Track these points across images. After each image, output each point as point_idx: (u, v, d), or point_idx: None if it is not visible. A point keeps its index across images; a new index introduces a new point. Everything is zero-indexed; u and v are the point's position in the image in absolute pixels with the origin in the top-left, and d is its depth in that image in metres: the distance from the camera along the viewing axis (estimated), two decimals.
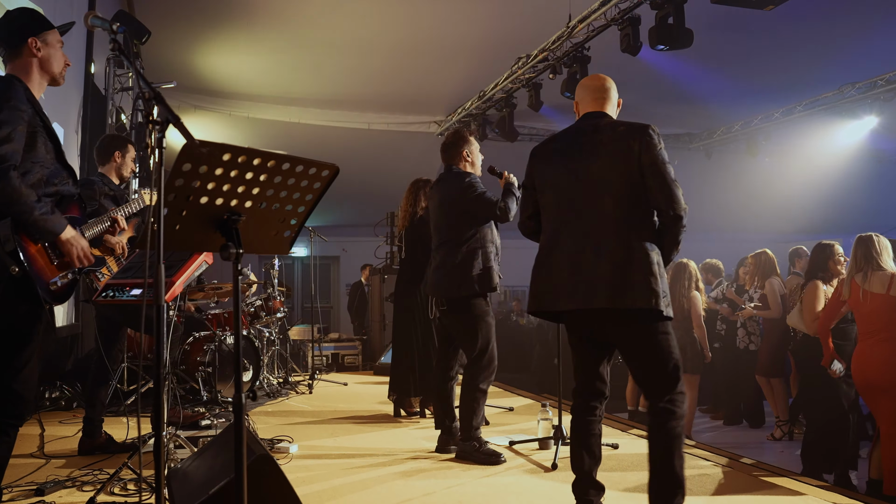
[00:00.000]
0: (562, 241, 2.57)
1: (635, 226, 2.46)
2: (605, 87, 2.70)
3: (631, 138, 2.48)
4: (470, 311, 3.73)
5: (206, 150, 1.63)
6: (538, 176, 2.72)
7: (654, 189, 2.45)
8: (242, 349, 5.31)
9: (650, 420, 2.45)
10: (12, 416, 2.26)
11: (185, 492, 2.32)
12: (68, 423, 4.59)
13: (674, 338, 2.48)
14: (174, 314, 3.69)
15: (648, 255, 2.42)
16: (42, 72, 2.44)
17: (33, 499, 2.90)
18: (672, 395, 2.42)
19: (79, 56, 6.03)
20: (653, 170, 2.44)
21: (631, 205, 2.47)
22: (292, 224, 1.95)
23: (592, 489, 2.57)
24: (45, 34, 2.44)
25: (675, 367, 2.44)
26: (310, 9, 7.38)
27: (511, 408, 5.38)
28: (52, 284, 2.31)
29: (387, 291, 7.77)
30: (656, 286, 2.38)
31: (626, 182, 2.46)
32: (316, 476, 3.41)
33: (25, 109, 2.26)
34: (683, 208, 2.45)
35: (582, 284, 2.45)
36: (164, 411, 3.08)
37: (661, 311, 2.38)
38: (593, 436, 2.60)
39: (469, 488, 3.20)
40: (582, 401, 2.63)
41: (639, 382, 2.55)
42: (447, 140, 3.96)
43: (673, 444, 2.38)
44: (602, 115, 2.64)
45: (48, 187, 2.34)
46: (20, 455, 3.50)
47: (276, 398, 6.00)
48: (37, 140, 2.31)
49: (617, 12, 6.59)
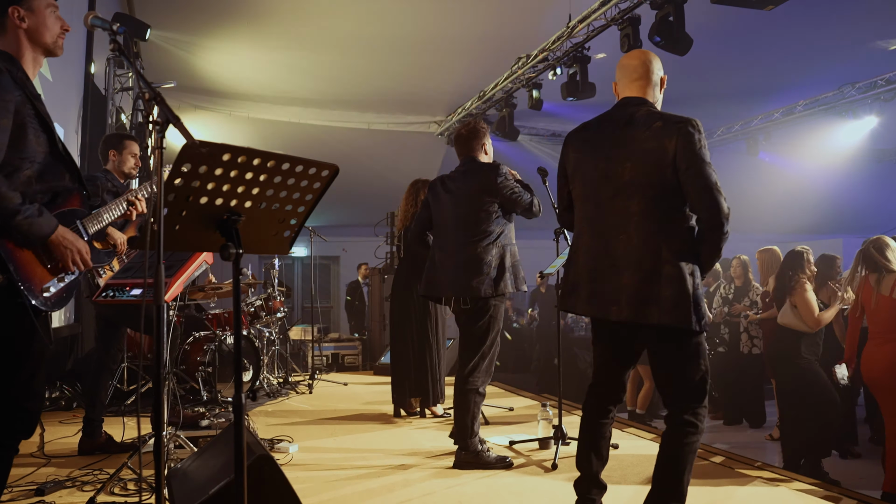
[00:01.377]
0: (585, 241, 2.42)
1: (666, 232, 2.26)
2: (643, 64, 2.43)
3: (667, 136, 2.24)
4: (491, 311, 3.57)
5: (205, 151, 1.63)
6: (569, 164, 2.53)
7: (692, 193, 2.22)
8: (242, 349, 5.31)
9: (670, 430, 2.32)
10: (21, 431, 2.12)
11: (185, 492, 2.32)
12: (68, 423, 4.59)
13: (705, 348, 2.32)
14: (174, 314, 3.69)
15: (679, 266, 2.21)
16: (33, 44, 2.16)
17: (33, 499, 2.90)
18: (697, 407, 2.29)
19: (79, 56, 6.03)
20: (691, 172, 2.21)
21: (663, 209, 2.26)
22: (292, 224, 1.94)
23: (595, 488, 2.51)
24: (31, 1, 2.14)
25: (703, 380, 2.30)
26: (310, 9, 7.37)
27: (511, 408, 5.38)
28: (45, 291, 2.11)
29: (387, 291, 7.76)
30: (688, 303, 2.19)
31: (658, 184, 2.25)
32: (316, 476, 3.41)
33: (11, 99, 2.01)
34: (726, 215, 2.21)
35: (603, 293, 2.31)
36: (164, 411, 3.08)
37: (691, 328, 2.21)
38: (603, 438, 2.51)
39: (469, 488, 3.20)
40: (597, 402, 2.52)
41: (661, 391, 2.42)
42: (465, 132, 3.74)
43: (688, 458, 2.27)
44: (640, 101, 2.39)
45: (39, 184, 2.12)
46: (20, 455, 3.49)
47: (276, 398, 6.00)
48: (27, 132, 2.06)
49: (617, 12, 6.59)
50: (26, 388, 2.10)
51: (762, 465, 3.61)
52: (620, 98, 2.46)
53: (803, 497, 3.07)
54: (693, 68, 8.07)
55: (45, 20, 2.17)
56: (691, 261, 2.26)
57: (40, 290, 2.10)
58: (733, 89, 9.66)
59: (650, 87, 2.43)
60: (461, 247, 3.56)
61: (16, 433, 2.11)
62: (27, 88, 2.10)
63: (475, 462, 3.51)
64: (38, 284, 2.10)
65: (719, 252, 2.30)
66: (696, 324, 2.21)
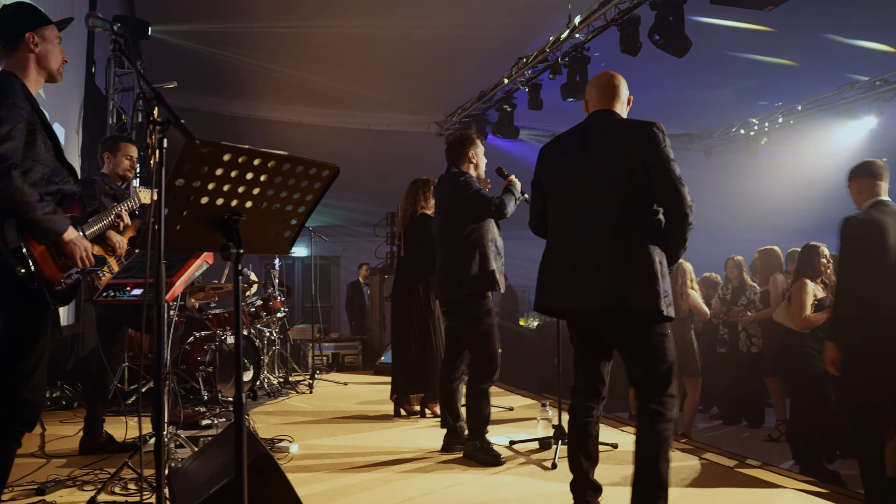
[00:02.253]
0: (565, 239, 2.56)
1: (638, 225, 2.42)
2: (612, 84, 2.65)
3: (635, 136, 2.45)
4: (470, 311, 3.69)
5: (206, 151, 1.63)
6: (545, 174, 2.70)
7: (658, 187, 2.41)
8: (243, 349, 5.32)
9: (640, 421, 2.43)
10: (23, 422, 2.19)
11: (185, 491, 2.32)
12: (69, 422, 4.60)
13: (671, 340, 2.45)
14: (175, 314, 3.69)
15: (650, 254, 2.38)
16: (39, 68, 2.36)
17: (34, 498, 2.90)
18: (663, 396, 2.41)
19: (79, 57, 6.03)
20: (657, 167, 2.40)
21: (635, 204, 2.44)
22: (293, 224, 1.95)
23: (590, 490, 2.57)
24: (43, 29, 2.36)
25: (669, 370, 2.43)
26: (310, 10, 7.38)
27: (511, 407, 5.39)
28: (58, 285, 2.25)
29: (387, 291, 7.77)
30: (657, 286, 2.35)
31: (629, 180, 2.43)
32: (316, 475, 3.41)
33: (24, 107, 2.20)
34: (689, 206, 2.39)
35: (582, 283, 2.43)
36: (164, 411, 3.08)
37: (661, 312, 2.35)
38: (590, 437, 2.59)
39: (469, 488, 3.20)
40: (579, 400, 2.62)
41: (632, 382, 2.52)
42: (452, 141, 3.92)
43: (661, 447, 2.37)
44: (610, 113, 2.61)
45: (49, 186, 2.28)
46: (21, 454, 3.49)
47: (276, 398, 6.01)
48: (36, 138, 2.24)
49: (616, 13, 6.59)
50: (30, 379, 2.19)
51: (764, 465, 3.61)
52: (591, 112, 2.67)
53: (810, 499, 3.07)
54: (693, 69, 8.09)
55: (54, 49, 2.39)
56: (660, 250, 2.42)
57: (54, 285, 2.24)
58: (733, 89, 9.67)
59: (619, 102, 2.65)
60: (439, 250, 3.83)
61: (18, 424, 2.18)
62: (33, 102, 2.28)
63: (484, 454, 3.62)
64: (52, 278, 2.24)
65: (684, 242, 2.46)
66: (666, 308, 2.36)
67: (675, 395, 2.44)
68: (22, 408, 2.17)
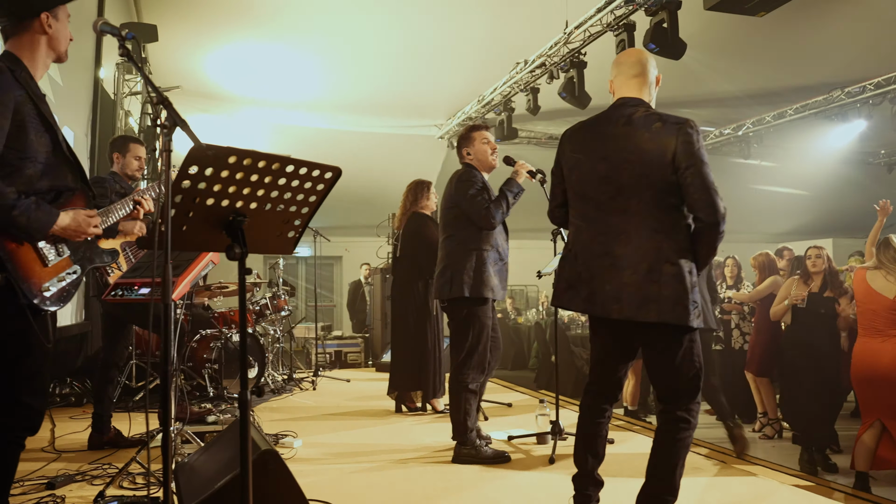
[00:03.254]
0: (585, 239, 2.38)
1: (666, 231, 2.24)
2: (640, 61, 2.41)
3: (667, 135, 2.23)
4: (463, 311, 3.56)
5: (212, 153, 1.62)
6: (566, 162, 2.48)
7: (690, 192, 2.21)
8: (248, 347, 5.32)
9: (663, 426, 2.32)
10: (24, 428, 2.09)
11: (192, 486, 2.32)
12: (78, 418, 4.59)
13: (699, 346, 2.32)
14: (182, 313, 3.69)
15: (680, 268, 2.21)
16: (49, 49, 2.19)
17: (44, 492, 2.90)
18: (690, 404, 2.30)
19: (88, 61, 6.03)
20: (690, 171, 2.20)
21: (662, 208, 2.25)
22: (296, 225, 1.94)
23: (592, 485, 2.50)
24: (58, 10, 2.18)
25: (697, 377, 2.30)
26: (314, 16, 7.38)
27: (510, 403, 5.38)
28: (45, 290, 2.06)
29: (388, 290, 7.76)
30: (685, 299, 2.19)
31: (658, 183, 2.24)
32: (319, 470, 3.41)
33: (12, 97, 2.00)
34: (722, 215, 2.20)
35: (606, 292, 2.28)
36: (171, 407, 3.08)
37: (690, 325, 2.20)
38: (600, 437, 2.49)
39: (468, 482, 3.20)
40: (593, 401, 2.49)
41: (657, 387, 2.41)
42: (458, 140, 3.80)
43: (681, 454, 2.29)
44: (637, 102, 2.37)
45: (42, 182, 2.09)
46: (31, 450, 3.50)
47: (280, 394, 6.00)
48: (27, 132, 2.04)
49: (612, 18, 6.59)
50: (28, 385, 2.07)
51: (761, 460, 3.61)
52: (617, 97, 2.44)
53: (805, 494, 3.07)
54: (687, 74, 8.08)
55: (64, 30, 2.22)
56: (689, 259, 2.25)
57: (39, 289, 2.06)
58: (726, 94, 9.67)
59: (646, 85, 2.42)
60: (442, 249, 3.68)
61: (20, 430, 2.08)
62: (31, 88, 2.09)
63: (474, 457, 3.51)
64: (36, 283, 2.05)
65: (715, 250, 2.30)
66: (694, 320, 2.21)
67: (700, 403, 2.34)
68: (23, 413, 2.07)
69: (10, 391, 2.04)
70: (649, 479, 2.33)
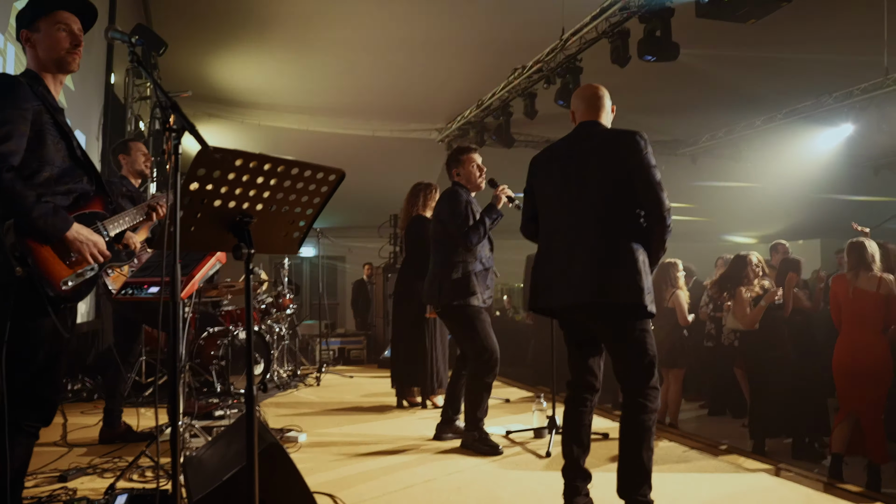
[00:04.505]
0: (555, 242, 2.59)
1: (622, 226, 2.46)
2: (597, 95, 2.70)
3: (619, 144, 2.50)
4: (460, 317, 3.72)
5: (219, 156, 1.63)
6: (536, 183, 2.74)
7: (640, 191, 2.45)
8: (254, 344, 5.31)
9: (624, 412, 2.47)
10: (39, 419, 2.13)
11: (199, 478, 2.32)
12: (89, 413, 4.60)
13: (652, 336, 2.50)
14: (190, 311, 3.69)
15: (634, 253, 2.42)
16: (43, 61, 2.16)
17: (56, 485, 2.90)
18: (646, 389, 2.43)
19: (100, 67, 6.03)
20: (639, 173, 2.44)
21: (619, 207, 2.47)
22: (301, 226, 1.94)
23: (579, 477, 2.58)
24: (38, 21, 2.14)
25: (651, 363, 2.45)
26: (318, 24, 7.38)
27: (507, 399, 5.38)
28: (63, 285, 2.10)
29: (390, 289, 7.77)
30: (640, 283, 2.38)
31: (613, 185, 2.47)
32: (323, 463, 3.41)
33: (30, 107, 2.04)
34: (667, 209, 2.44)
35: (570, 281, 2.47)
36: (179, 402, 3.08)
37: (644, 307, 2.39)
38: (583, 426, 2.61)
39: (468, 475, 3.20)
40: (574, 393, 2.66)
41: (617, 375, 2.55)
42: (447, 158, 4.00)
43: (643, 437, 2.40)
44: (595, 123, 2.65)
45: (59, 186, 2.13)
46: (44, 443, 3.51)
47: (285, 390, 6.00)
48: (45, 138, 2.09)
49: (607, 25, 6.59)
50: (44, 377, 2.10)
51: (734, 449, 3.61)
52: (578, 122, 2.70)
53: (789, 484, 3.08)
54: (680, 80, 8.09)
55: (50, 37, 2.15)
56: (643, 250, 2.45)
57: (58, 284, 2.09)
58: (717, 99, 9.67)
59: (603, 113, 2.68)
60: (433, 258, 3.86)
61: (34, 420, 2.11)
62: (47, 101, 2.13)
63: (477, 442, 3.61)
64: (56, 278, 2.08)
65: (664, 243, 2.49)
66: (649, 304, 2.39)
67: (658, 388, 2.47)
68: (38, 405, 2.10)
69: (26, 382, 2.06)
70: (621, 463, 2.44)
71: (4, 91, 2.04)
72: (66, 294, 2.11)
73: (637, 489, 2.37)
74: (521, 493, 2.90)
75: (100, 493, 2.72)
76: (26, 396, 2.07)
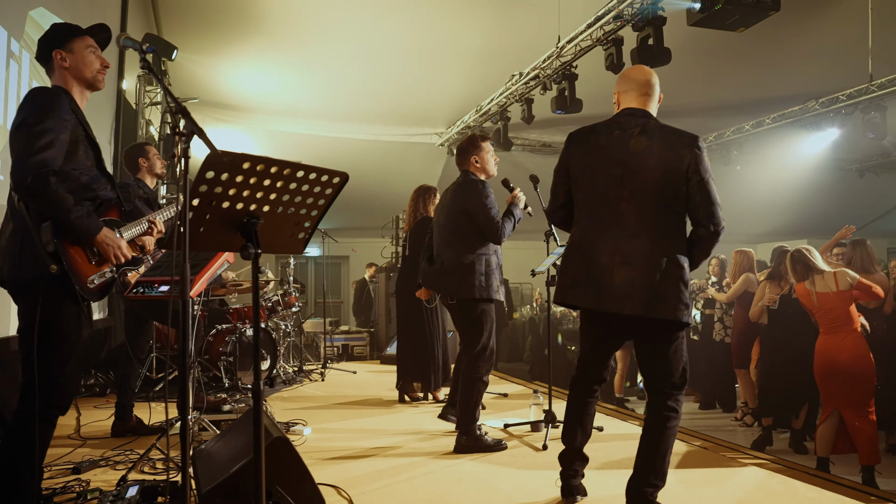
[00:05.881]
0: (596, 239, 2.36)
1: (672, 234, 2.30)
2: (649, 81, 2.42)
3: (683, 148, 2.27)
4: (476, 311, 3.56)
5: (227, 160, 1.63)
6: (575, 164, 2.44)
7: (696, 202, 2.27)
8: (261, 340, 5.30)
9: (653, 415, 2.36)
10: (57, 406, 2.19)
11: (208, 470, 2.32)
12: (102, 407, 4.60)
13: (684, 341, 2.39)
14: (199, 309, 3.69)
15: (682, 266, 2.28)
16: (76, 80, 2.31)
17: (70, 476, 2.90)
18: (678, 394, 2.36)
19: (112, 73, 6.03)
20: (700, 184, 2.26)
21: (670, 213, 2.30)
22: (306, 226, 1.94)
23: (579, 460, 2.57)
24: (71, 43, 2.30)
25: (685, 370, 2.37)
26: (324, 32, 7.38)
27: (506, 394, 5.38)
28: (90, 282, 2.24)
29: (392, 288, 7.77)
30: (685, 299, 2.27)
31: (670, 190, 2.27)
32: (328, 456, 3.41)
33: (69, 119, 2.18)
34: (722, 227, 2.29)
35: (615, 288, 2.28)
36: (189, 397, 3.08)
37: (687, 323, 2.29)
38: (588, 415, 2.57)
39: (467, 467, 3.20)
40: (584, 383, 2.56)
41: (647, 379, 2.44)
42: (461, 144, 3.72)
43: (669, 441, 2.34)
44: (646, 114, 2.38)
45: (88, 192, 2.27)
46: (59, 437, 3.50)
47: (291, 385, 6.00)
48: (78, 148, 2.23)
49: (602, 34, 6.59)
50: (64, 367, 2.19)
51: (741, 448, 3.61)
52: (623, 107, 2.43)
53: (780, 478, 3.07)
54: (672, 85, 8.07)
55: (84, 59, 2.31)
56: (687, 261, 2.32)
57: (86, 281, 2.23)
58: (708, 104, 9.68)
59: (652, 102, 2.44)
60: (448, 251, 3.58)
61: (53, 408, 2.18)
62: (78, 114, 2.28)
63: (474, 446, 3.49)
64: (84, 276, 2.22)
65: (708, 255, 2.38)
66: (689, 317, 2.30)
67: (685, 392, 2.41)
68: (57, 393, 2.17)
69: (47, 372, 2.14)
70: (640, 465, 2.35)
71: (49, 102, 2.17)
72: (92, 291, 2.25)
73: (656, 490, 2.32)
74: (519, 485, 2.90)
75: (112, 485, 2.71)
76: (46, 385, 2.15)
